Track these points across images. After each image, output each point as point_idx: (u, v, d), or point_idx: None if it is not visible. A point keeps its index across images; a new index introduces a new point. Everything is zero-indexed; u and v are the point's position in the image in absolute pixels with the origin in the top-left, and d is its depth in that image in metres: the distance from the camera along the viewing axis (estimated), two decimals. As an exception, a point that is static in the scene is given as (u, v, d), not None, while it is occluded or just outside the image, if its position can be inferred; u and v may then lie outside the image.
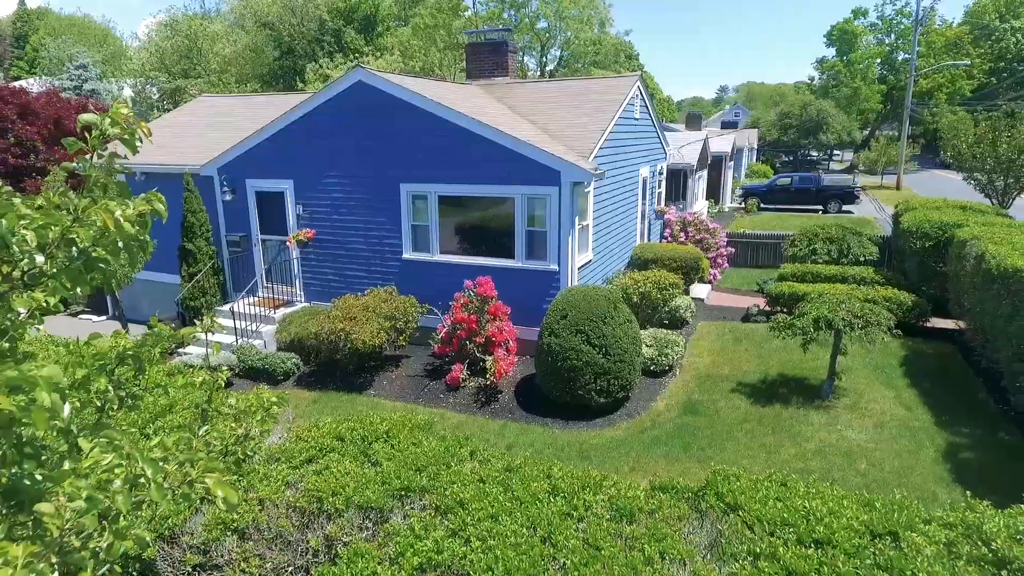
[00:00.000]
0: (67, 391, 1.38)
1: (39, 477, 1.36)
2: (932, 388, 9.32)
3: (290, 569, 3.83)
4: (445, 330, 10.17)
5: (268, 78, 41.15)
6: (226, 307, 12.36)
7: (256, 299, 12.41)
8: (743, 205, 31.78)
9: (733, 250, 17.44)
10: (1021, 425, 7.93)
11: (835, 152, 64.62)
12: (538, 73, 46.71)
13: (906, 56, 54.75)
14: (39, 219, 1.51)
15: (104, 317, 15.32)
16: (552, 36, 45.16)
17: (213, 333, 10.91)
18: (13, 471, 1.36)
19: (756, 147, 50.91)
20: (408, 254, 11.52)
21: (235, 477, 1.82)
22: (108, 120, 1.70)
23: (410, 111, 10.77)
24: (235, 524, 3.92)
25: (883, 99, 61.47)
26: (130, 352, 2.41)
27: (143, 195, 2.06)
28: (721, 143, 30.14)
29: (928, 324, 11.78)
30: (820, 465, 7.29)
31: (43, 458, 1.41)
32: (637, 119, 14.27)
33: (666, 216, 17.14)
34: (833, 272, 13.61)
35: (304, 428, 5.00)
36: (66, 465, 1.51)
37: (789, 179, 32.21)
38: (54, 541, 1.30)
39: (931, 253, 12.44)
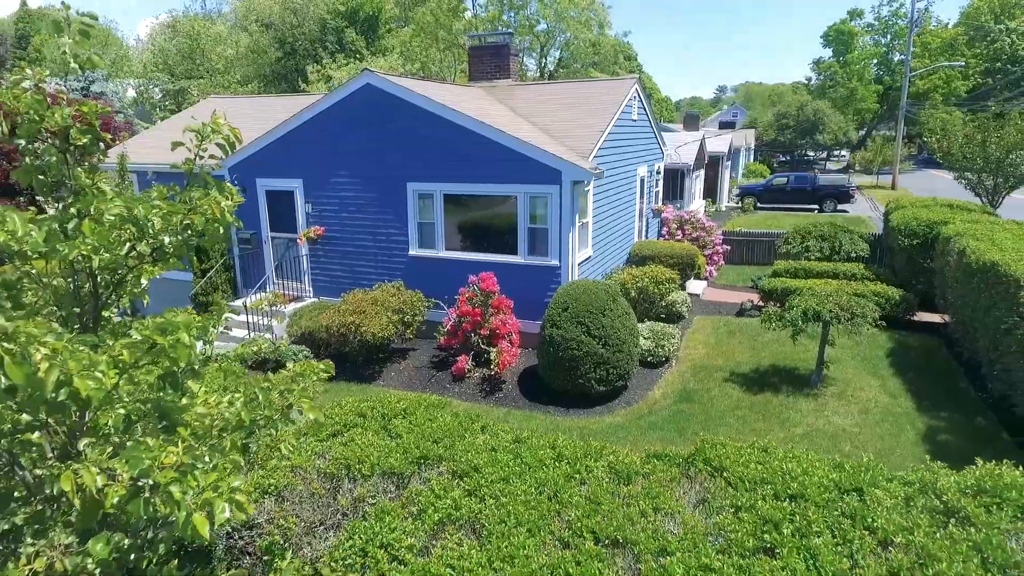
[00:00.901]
0: (196, 332, 1.82)
1: (176, 403, 1.80)
2: (916, 378, 9.77)
3: (321, 528, 4.26)
4: (451, 323, 10.60)
5: (270, 78, 41.55)
6: (238, 302, 12.78)
7: (267, 295, 12.82)
8: (740, 204, 32.24)
9: (728, 248, 17.89)
10: (997, 411, 8.38)
11: (838, 153, 65.11)
12: (537, 74, 47.14)
13: (902, 57, 55.26)
14: (165, 207, 1.94)
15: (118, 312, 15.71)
16: (551, 37, 45.61)
17: (285, 306, 11.61)
18: (159, 395, 1.79)
19: (753, 147, 51.42)
20: (414, 251, 11.95)
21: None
22: (211, 128, 2.13)
23: (416, 113, 11.19)
24: (272, 488, 4.36)
25: (879, 99, 61.98)
26: (198, 323, 2.85)
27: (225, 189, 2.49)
28: (718, 143, 30.60)
29: (915, 318, 12.24)
30: (806, 447, 7.63)
31: (180, 387, 1.84)
32: (635, 120, 14.71)
33: (663, 215, 17.58)
34: (825, 268, 14.08)
35: (328, 407, 5.43)
36: (183, 400, 1.94)
37: (785, 179, 32.67)
38: (207, 433, 1.74)
39: (919, 250, 12.89)
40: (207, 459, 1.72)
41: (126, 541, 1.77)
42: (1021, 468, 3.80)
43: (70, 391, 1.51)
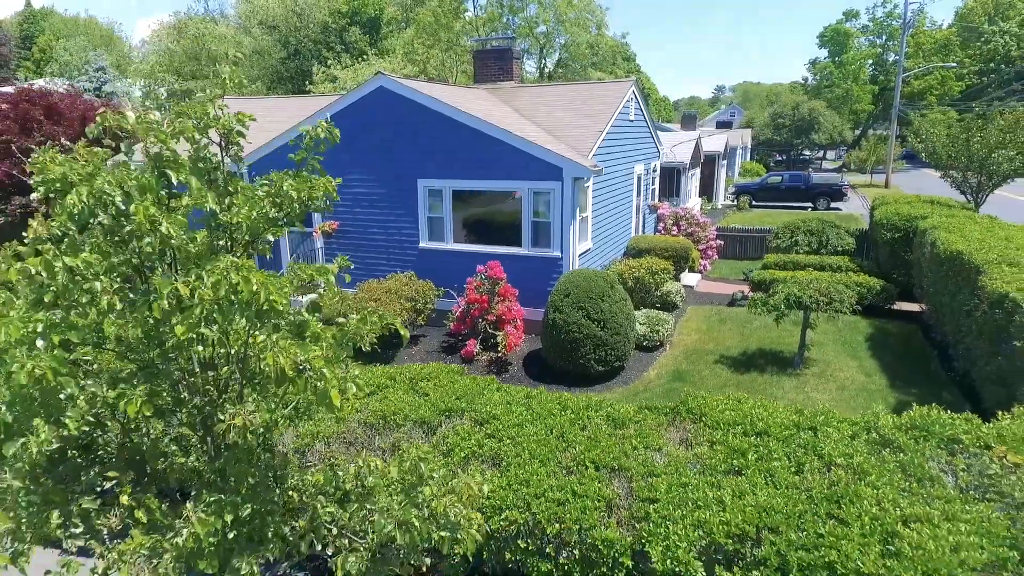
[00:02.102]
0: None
1: (312, 321, 2.60)
2: (892, 360, 10.54)
3: (363, 468, 5.02)
4: (460, 310, 11.36)
5: (275, 79, 42.27)
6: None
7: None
8: (735, 202, 33.00)
9: (722, 243, 18.67)
10: (961, 387, 9.16)
11: (841, 151, 65.91)
12: (537, 75, 47.89)
13: (896, 58, 56.07)
14: (296, 185, 2.72)
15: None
16: (550, 39, 46.36)
17: (346, 270, 12.85)
18: (304, 318, 2.58)
19: (750, 146, 52.21)
20: (424, 243, 12.71)
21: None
22: (319, 129, 2.91)
23: (426, 113, 11.95)
24: (321, 435, 5.13)
25: (874, 100, 62.81)
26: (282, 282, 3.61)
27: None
28: (714, 142, 31.36)
29: (895, 307, 13.03)
30: (787, 419, 8.49)
31: (320, 311, 2.64)
32: (632, 120, 15.47)
33: (660, 211, 18.36)
34: (812, 261, 14.88)
35: (360, 372, 6.20)
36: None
37: (779, 177, 33.45)
38: (342, 339, 2.53)
39: (900, 243, 13.67)
40: (342, 355, 2.50)
41: (267, 416, 2.54)
42: (948, 411, 4.57)
43: (271, 304, 2.29)
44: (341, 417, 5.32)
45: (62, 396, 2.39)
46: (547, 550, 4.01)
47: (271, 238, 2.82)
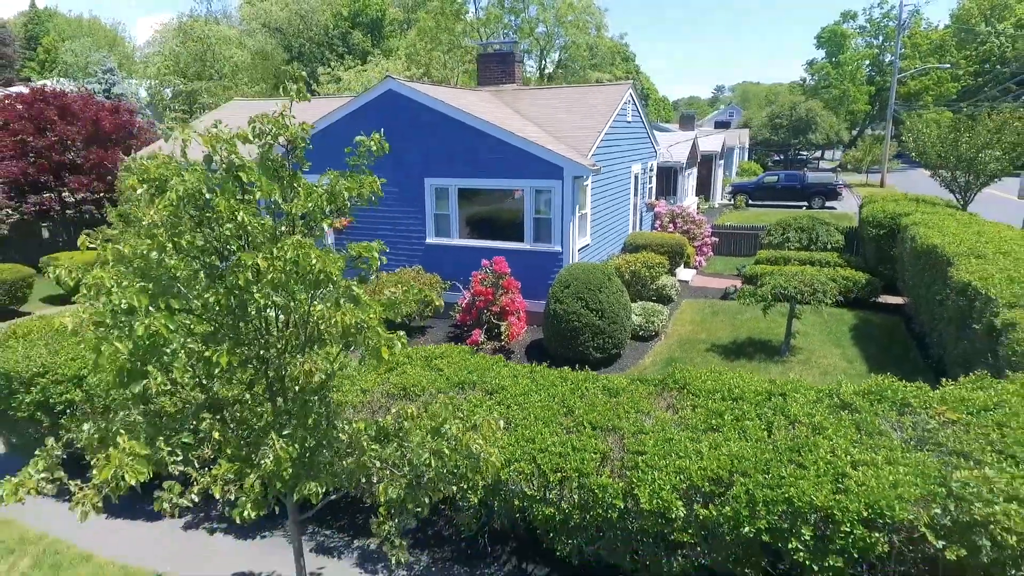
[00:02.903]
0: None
1: (360, 292, 3.25)
2: (874, 349, 11.19)
3: (386, 433, 5.66)
4: (466, 302, 12.00)
5: (278, 81, 42.88)
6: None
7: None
8: (732, 201, 33.64)
9: (717, 240, 19.32)
10: (936, 372, 9.78)
11: (838, 151, 66.52)
12: (537, 75, 48.52)
13: (893, 59, 56.72)
14: (348, 184, 3.36)
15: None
16: (550, 40, 47.00)
17: (381, 253, 13.46)
18: (353, 292, 3.22)
19: (747, 146, 52.85)
20: (431, 239, 13.35)
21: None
22: (372, 142, 3.54)
23: (433, 115, 12.59)
24: (348, 403, 5.77)
25: (871, 100, 63.46)
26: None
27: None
28: (711, 142, 31.99)
29: (880, 300, 13.67)
30: (772, 400, 9.13)
31: (368, 282, 3.28)
32: (630, 121, 16.11)
33: (656, 209, 19.00)
34: (802, 257, 15.52)
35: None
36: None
37: (776, 177, 34.09)
38: (389, 304, 3.16)
39: (885, 239, 14.32)
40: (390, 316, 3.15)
41: (327, 365, 3.17)
42: (902, 380, 5.21)
43: (328, 275, 2.94)
44: (365, 388, 5.97)
45: (168, 349, 3.02)
46: (550, 496, 4.65)
47: (325, 226, 3.45)
